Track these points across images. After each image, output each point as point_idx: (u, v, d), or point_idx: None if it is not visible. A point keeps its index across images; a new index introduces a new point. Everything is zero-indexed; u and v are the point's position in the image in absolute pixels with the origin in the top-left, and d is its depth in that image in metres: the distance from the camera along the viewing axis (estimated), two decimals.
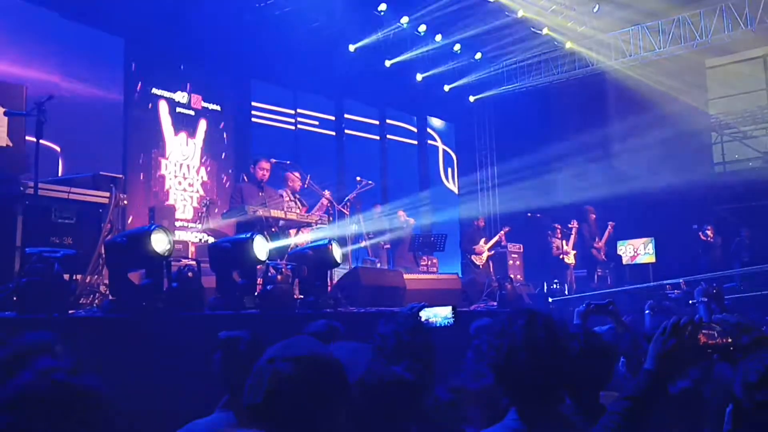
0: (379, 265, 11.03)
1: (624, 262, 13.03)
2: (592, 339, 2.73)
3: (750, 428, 1.94)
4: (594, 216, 12.38)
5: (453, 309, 3.23)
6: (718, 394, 2.45)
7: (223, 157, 12.01)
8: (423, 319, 3.17)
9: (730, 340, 2.40)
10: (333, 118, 14.29)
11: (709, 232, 12.63)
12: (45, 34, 9.51)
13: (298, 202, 8.51)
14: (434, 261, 11.57)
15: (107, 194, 5.46)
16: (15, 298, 4.09)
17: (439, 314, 3.21)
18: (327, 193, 8.86)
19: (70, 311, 4.29)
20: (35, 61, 9.08)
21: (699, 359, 2.48)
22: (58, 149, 9.16)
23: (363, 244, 10.90)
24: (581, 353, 2.59)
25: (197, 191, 11.52)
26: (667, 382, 2.07)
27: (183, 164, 11.42)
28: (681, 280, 10.63)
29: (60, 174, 8.58)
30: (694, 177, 13.67)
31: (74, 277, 4.53)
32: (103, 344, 3.95)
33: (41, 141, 5.03)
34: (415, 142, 16.16)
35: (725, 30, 13.44)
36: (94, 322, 4.24)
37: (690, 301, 6.63)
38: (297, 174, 8.72)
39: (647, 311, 5.19)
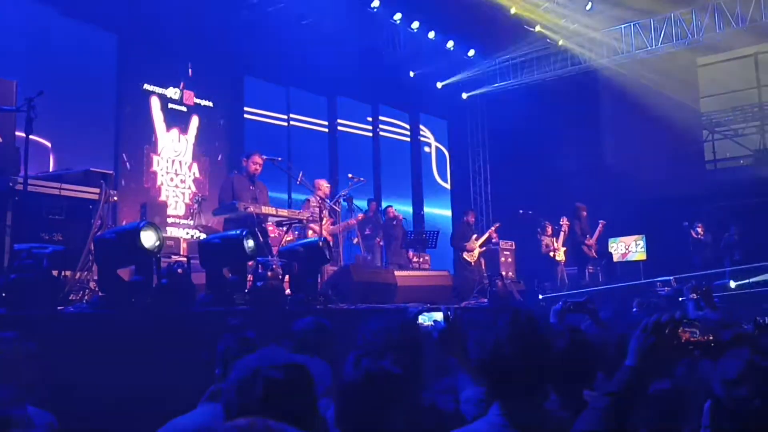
0: (370, 258, 11.06)
1: (615, 259, 13.08)
2: (576, 335, 2.75)
3: (728, 424, 1.96)
4: (585, 213, 12.41)
5: (445, 313, 3.21)
6: (700, 390, 2.48)
7: (216, 153, 11.99)
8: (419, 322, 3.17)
9: (711, 337, 2.42)
10: (326, 114, 14.29)
11: (699, 230, 12.68)
12: (38, 29, 9.49)
13: (326, 211, 8.67)
14: (426, 258, 11.59)
15: (97, 190, 5.45)
16: (4, 295, 4.08)
17: (434, 318, 3.19)
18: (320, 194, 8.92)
19: (59, 307, 4.30)
20: (27, 55, 9.06)
21: (681, 356, 2.50)
22: (49, 145, 9.14)
23: (355, 241, 10.92)
24: (565, 349, 2.61)
25: (189, 188, 11.51)
26: (647, 379, 2.09)
27: (175, 160, 11.40)
28: (671, 278, 10.68)
29: (51, 170, 8.56)
30: (685, 174, 13.75)
31: (63, 274, 4.53)
32: (92, 340, 3.95)
33: (31, 137, 5.03)
34: (408, 139, 16.18)
35: (717, 28, 13.51)
36: (84, 318, 4.24)
37: (680, 299, 6.66)
38: (326, 182, 9.02)
39: (635, 309, 5.21)
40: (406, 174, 15.94)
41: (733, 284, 9.72)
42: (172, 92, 11.42)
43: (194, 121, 11.73)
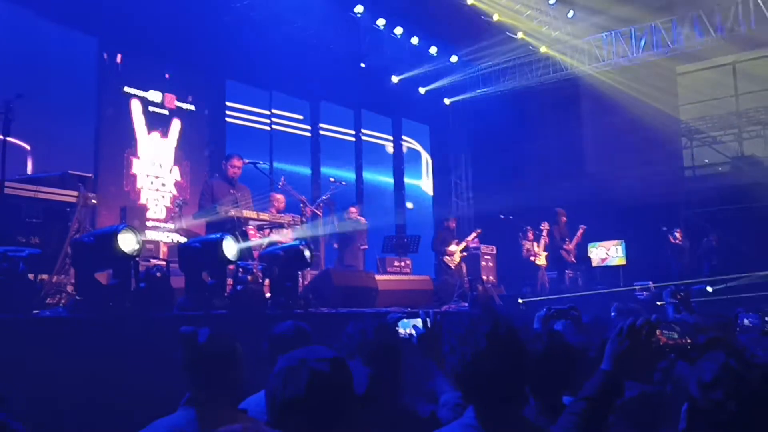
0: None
1: (594, 264, 13.15)
2: (555, 340, 2.76)
3: (704, 427, 1.97)
4: (564, 218, 12.48)
5: (423, 318, 3.20)
6: (677, 393, 2.49)
7: (197, 157, 11.91)
8: (402, 333, 3.16)
9: (689, 340, 2.44)
10: (308, 118, 14.27)
11: (678, 235, 12.81)
12: (16, 32, 9.39)
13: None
14: (407, 262, 11.57)
15: (75, 193, 5.41)
16: None
17: (414, 324, 3.18)
18: (303, 197, 8.89)
19: (35, 311, 4.24)
20: (5, 58, 8.96)
21: (658, 359, 2.51)
22: (28, 147, 9.03)
23: (336, 246, 10.88)
24: (544, 354, 2.62)
25: (170, 191, 11.43)
26: (623, 383, 2.10)
27: (155, 164, 11.32)
28: (650, 283, 10.77)
29: (29, 173, 8.46)
30: (665, 181, 13.88)
31: (39, 277, 4.48)
32: (69, 345, 3.90)
33: (9, 139, 4.98)
34: (391, 144, 16.20)
35: (696, 37, 13.68)
36: (60, 322, 4.19)
37: (658, 303, 6.72)
38: (281, 196, 8.97)
39: (613, 313, 5.24)
40: (387, 178, 15.95)
41: (710, 288, 9.81)
42: (154, 95, 11.34)
43: (175, 124, 11.65)
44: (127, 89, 10.97)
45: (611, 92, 14.51)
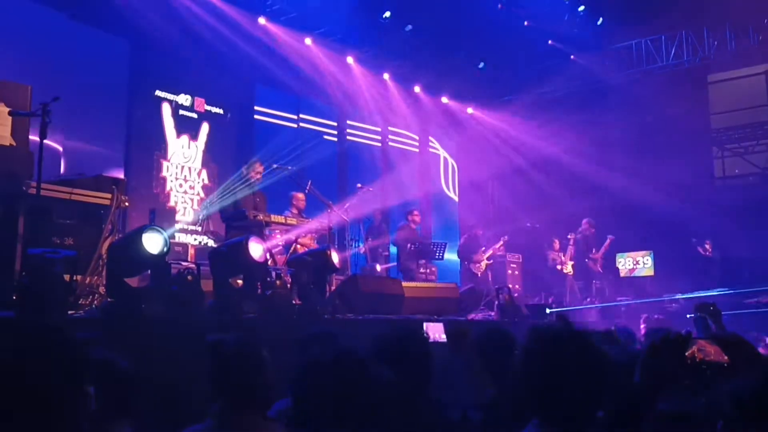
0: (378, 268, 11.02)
1: (622, 274, 13.02)
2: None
3: None
4: (591, 228, 12.38)
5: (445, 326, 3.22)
6: (711, 410, 2.47)
7: (225, 160, 12.02)
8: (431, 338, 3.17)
9: (725, 357, 2.42)
10: (335, 123, 14.33)
11: (707, 246, 12.64)
12: (51, 35, 9.56)
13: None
14: (433, 269, 11.56)
15: (109, 195, 5.49)
16: (15, 298, 4.10)
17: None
18: (330, 202, 8.92)
19: (70, 312, 4.31)
20: (41, 61, 9.12)
21: (693, 375, 2.49)
22: (60, 149, 9.20)
23: (362, 250, 10.91)
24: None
25: (198, 194, 11.54)
26: (655, 397, 2.08)
27: (184, 166, 11.44)
28: (678, 294, 10.64)
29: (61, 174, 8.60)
30: (695, 191, 13.70)
31: (74, 278, 4.55)
32: (100, 346, 3.95)
33: (44, 141, 5.06)
34: (417, 150, 16.19)
35: (728, 45, 13.51)
36: (93, 324, 4.25)
37: (687, 316, 6.65)
38: (302, 195, 8.96)
39: (643, 324, 5.21)
40: (413, 184, 15.93)
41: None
42: (183, 99, 11.48)
43: (204, 127, 11.78)
44: (158, 93, 11.11)
45: (641, 100, 14.37)
